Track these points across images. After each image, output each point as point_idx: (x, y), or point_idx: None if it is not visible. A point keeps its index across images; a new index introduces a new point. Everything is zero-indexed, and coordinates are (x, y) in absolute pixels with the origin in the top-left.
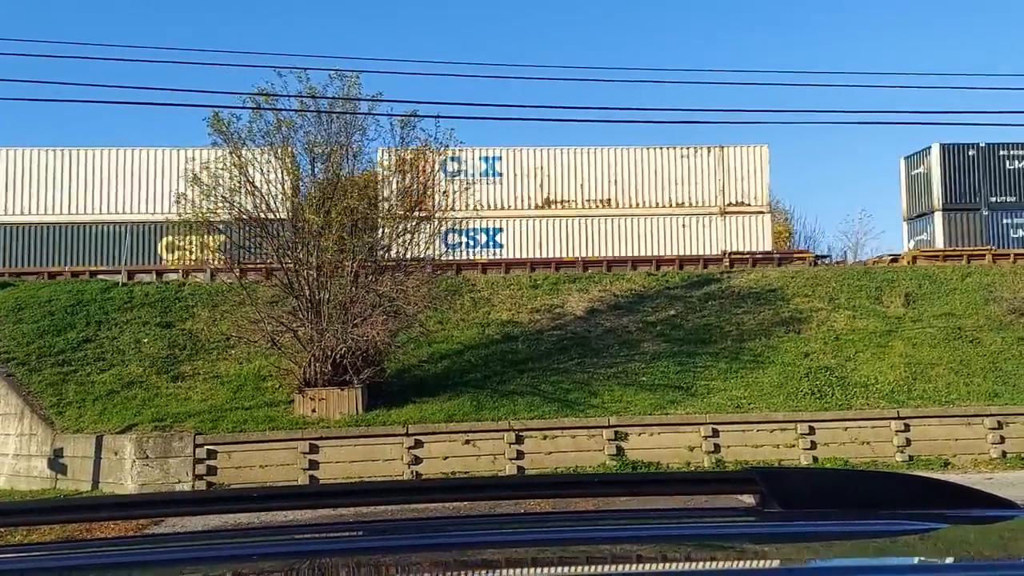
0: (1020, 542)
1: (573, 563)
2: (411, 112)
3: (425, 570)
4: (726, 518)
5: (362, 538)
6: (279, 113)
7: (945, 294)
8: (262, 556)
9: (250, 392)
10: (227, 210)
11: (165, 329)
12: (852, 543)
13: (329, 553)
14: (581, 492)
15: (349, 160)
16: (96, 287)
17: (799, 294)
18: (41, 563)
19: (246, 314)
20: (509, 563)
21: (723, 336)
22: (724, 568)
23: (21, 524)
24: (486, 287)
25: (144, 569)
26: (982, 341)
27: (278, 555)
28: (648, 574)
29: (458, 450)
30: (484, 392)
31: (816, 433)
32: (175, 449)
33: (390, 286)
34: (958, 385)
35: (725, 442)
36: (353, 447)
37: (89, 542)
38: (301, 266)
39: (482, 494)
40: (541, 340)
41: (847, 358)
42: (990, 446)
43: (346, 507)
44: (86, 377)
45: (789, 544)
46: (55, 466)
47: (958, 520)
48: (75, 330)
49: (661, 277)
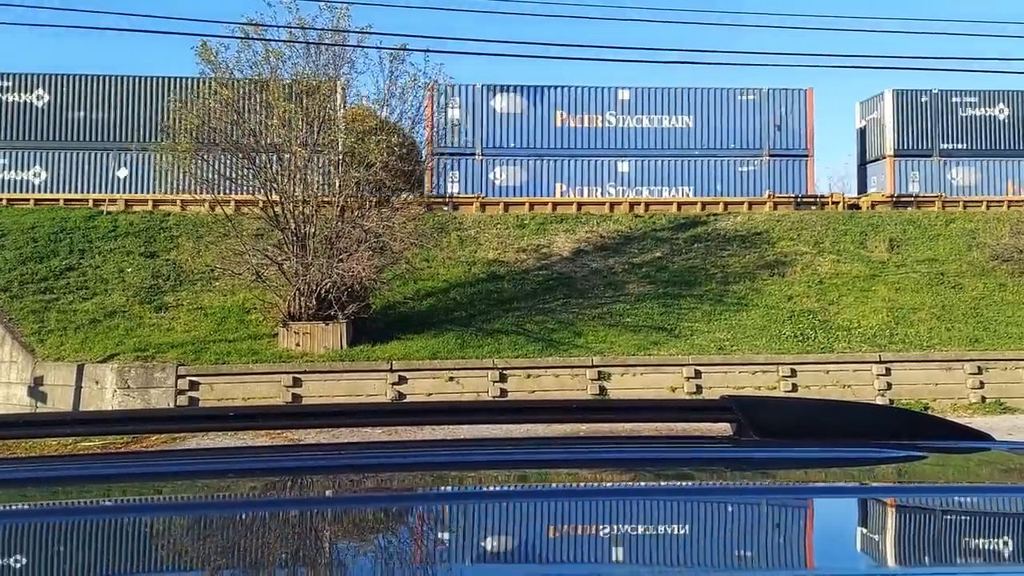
0: (993, 470)
1: (551, 482)
2: (400, 46)
3: (407, 487)
4: (702, 444)
5: (347, 456)
6: (268, 44)
7: (929, 240)
8: (264, 471)
9: (234, 324)
10: (213, 139)
11: (149, 259)
12: (825, 469)
13: (313, 470)
14: (560, 418)
15: (337, 93)
16: (81, 215)
17: (784, 238)
18: (33, 473)
19: (231, 246)
20: (486, 481)
21: (708, 278)
22: (699, 487)
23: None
24: (473, 226)
25: (147, 480)
26: (964, 287)
27: (278, 470)
28: (621, 491)
29: (442, 387)
30: (469, 330)
31: (798, 376)
32: (157, 380)
33: (376, 222)
34: (939, 330)
35: (707, 383)
36: (337, 382)
37: (73, 456)
38: (287, 199)
39: (463, 418)
40: (527, 280)
41: (830, 302)
42: (969, 391)
43: (329, 427)
44: (68, 305)
45: (762, 469)
46: (35, 394)
47: (933, 450)
48: (58, 258)
49: (648, 219)
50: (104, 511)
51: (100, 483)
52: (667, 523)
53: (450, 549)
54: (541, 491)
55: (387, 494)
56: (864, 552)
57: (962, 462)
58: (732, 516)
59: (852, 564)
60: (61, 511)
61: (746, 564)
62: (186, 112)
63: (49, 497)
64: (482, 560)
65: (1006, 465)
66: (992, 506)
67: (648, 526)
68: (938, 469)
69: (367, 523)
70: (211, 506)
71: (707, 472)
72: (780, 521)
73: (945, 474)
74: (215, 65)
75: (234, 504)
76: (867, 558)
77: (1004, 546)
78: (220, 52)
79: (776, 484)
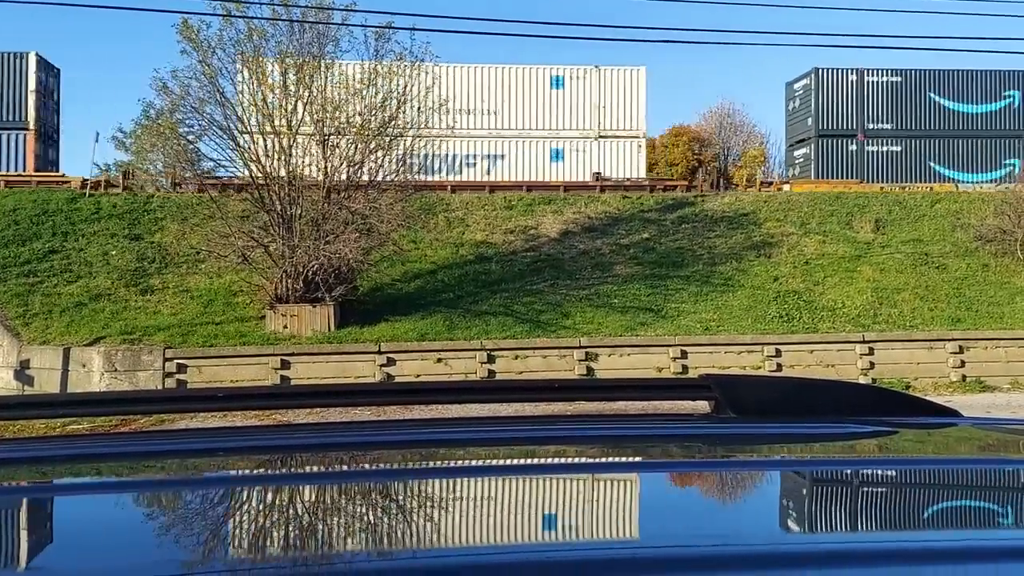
0: (958, 444)
1: (536, 458)
2: (387, 24)
3: (396, 464)
4: (681, 422)
5: (336, 435)
6: (250, 21)
7: (914, 220)
8: (254, 449)
9: (221, 307)
10: (196, 119)
11: (134, 241)
12: (798, 444)
13: (303, 448)
14: (545, 397)
15: (321, 72)
16: (62, 196)
17: (771, 219)
18: (23, 453)
19: (216, 228)
20: (474, 458)
21: (695, 260)
22: (676, 462)
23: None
24: (460, 207)
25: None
26: (948, 267)
27: (275, 448)
28: (602, 466)
29: (430, 368)
30: (457, 312)
31: (782, 355)
32: (144, 362)
33: (363, 203)
34: (923, 310)
35: (693, 363)
36: (325, 364)
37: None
38: (272, 180)
39: (451, 397)
40: (515, 261)
41: (815, 282)
42: (951, 370)
43: (319, 407)
44: (52, 288)
45: (737, 444)
46: (22, 377)
47: (903, 426)
48: (41, 240)
49: (636, 200)
50: (94, 488)
51: (90, 462)
52: (645, 496)
53: (438, 524)
54: (527, 467)
55: (376, 470)
56: (833, 523)
57: (930, 437)
58: (707, 490)
59: (820, 535)
60: (51, 488)
61: (720, 535)
62: (167, 93)
63: (38, 476)
64: (469, 534)
65: (972, 439)
66: (958, 478)
67: (627, 499)
68: (907, 443)
69: (357, 499)
70: (201, 483)
71: (684, 448)
72: (753, 494)
73: (913, 448)
74: (197, 43)
75: (224, 480)
76: (836, 529)
77: (969, 516)
78: (202, 30)
79: (750, 458)
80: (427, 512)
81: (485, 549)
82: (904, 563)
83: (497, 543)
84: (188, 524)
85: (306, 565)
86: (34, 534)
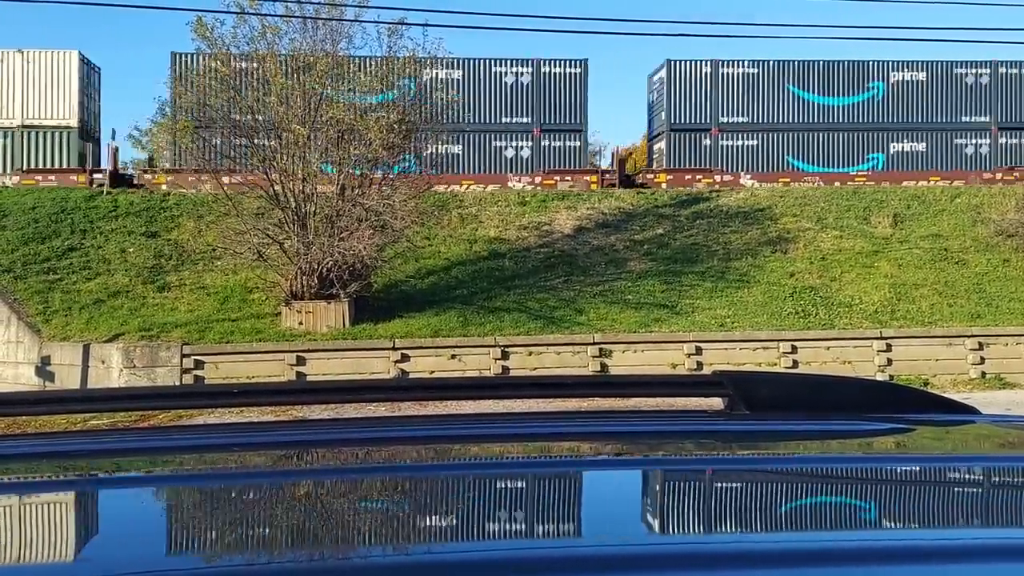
0: (976, 442)
1: (551, 453)
2: (399, 20)
3: (412, 459)
4: (694, 418)
5: (352, 430)
6: (264, 19)
7: (933, 215)
8: (271, 444)
9: (237, 304)
10: (210, 116)
11: (150, 239)
12: (812, 441)
13: (320, 444)
14: (559, 393)
15: (335, 69)
16: (80, 195)
17: (787, 213)
18: (44, 448)
19: (231, 225)
20: (489, 453)
21: (710, 255)
22: (689, 458)
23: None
24: (474, 203)
25: (146, 454)
26: (968, 263)
27: (286, 444)
28: (616, 462)
29: (444, 365)
30: (470, 308)
31: (798, 352)
32: (162, 359)
33: (377, 200)
34: (941, 306)
35: (708, 360)
36: (340, 360)
37: (79, 432)
38: (287, 177)
39: (465, 394)
40: (528, 257)
41: (832, 278)
42: (970, 366)
43: (335, 403)
44: (72, 286)
45: (751, 441)
46: (43, 373)
47: (918, 423)
48: (60, 238)
49: (650, 195)
50: (114, 482)
51: (110, 456)
52: (659, 492)
53: (454, 518)
54: (541, 462)
55: (392, 465)
56: (850, 520)
57: (947, 434)
58: (720, 486)
59: (837, 532)
60: (74, 483)
61: (735, 532)
62: (182, 90)
63: (59, 471)
64: (485, 529)
65: (990, 436)
66: (976, 476)
67: (641, 495)
68: (924, 441)
69: (373, 494)
70: (218, 477)
71: (697, 444)
72: (766, 491)
73: (931, 445)
74: (211, 41)
75: (241, 475)
76: (853, 526)
77: (988, 514)
78: (216, 28)
79: (763, 455)
80: (443, 507)
81: (501, 544)
82: (921, 562)
83: (513, 538)
84: (206, 517)
85: (323, 559)
86: (57, 527)
